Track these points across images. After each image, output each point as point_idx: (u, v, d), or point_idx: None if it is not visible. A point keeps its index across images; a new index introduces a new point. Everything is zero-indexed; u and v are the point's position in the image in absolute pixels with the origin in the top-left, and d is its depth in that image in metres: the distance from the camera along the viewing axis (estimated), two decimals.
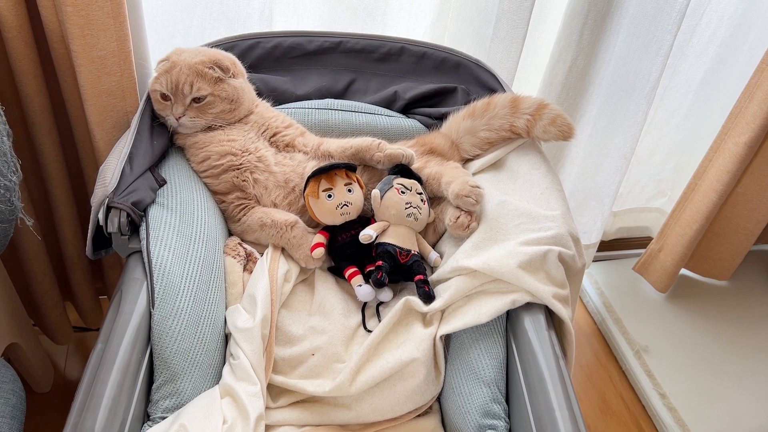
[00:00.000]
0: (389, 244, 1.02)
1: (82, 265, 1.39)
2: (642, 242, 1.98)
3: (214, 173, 1.08)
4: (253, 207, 1.08)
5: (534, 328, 0.91)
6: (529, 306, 0.94)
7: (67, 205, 1.28)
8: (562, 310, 0.93)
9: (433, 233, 1.13)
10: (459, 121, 1.17)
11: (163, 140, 1.08)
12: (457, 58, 1.27)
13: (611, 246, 1.99)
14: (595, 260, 1.93)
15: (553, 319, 0.96)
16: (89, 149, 1.21)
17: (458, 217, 1.03)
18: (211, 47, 1.17)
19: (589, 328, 1.81)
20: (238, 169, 1.07)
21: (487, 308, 0.93)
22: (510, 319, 0.96)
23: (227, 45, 1.21)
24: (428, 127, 1.25)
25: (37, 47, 1.09)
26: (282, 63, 1.24)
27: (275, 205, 1.08)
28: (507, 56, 1.32)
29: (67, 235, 1.32)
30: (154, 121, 1.08)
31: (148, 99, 1.09)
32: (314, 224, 1.10)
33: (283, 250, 1.06)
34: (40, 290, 1.35)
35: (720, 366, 1.67)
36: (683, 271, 1.86)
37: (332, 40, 1.26)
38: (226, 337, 0.97)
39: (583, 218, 1.73)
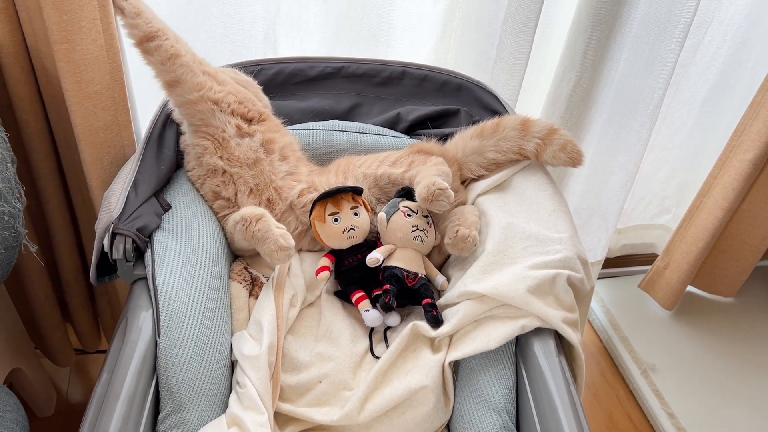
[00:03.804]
0: (396, 267, 1.02)
1: (79, 288, 1.38)
2: (647, 259, 1.97)
3: (200, 175, 1.08)
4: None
5: (544, 353, 0.90)
6: (538, 331, 0.93)
7: (65, 229, 1.26)
8: (572, 335, 0.92)
9: (438, 254, 1.12)
10: (466, 140, 1.16)
11: (168, 165, 1.07)
12: (459, 80, 1.27)
13: (616, 263, 1.98)
14: (600, 277, 1.92)
15: (562, 343, 0.95)
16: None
17: (457, 231, 1.02)
18: None
19: (595, 347, 1.80)
20: (223, 173, 1.06)
21: (497, 334, 0.92)
22: (519, 345, 0.95)
23: None
24: None
25: (33, 73, 1.08)
26: (284, 89, 1.24)
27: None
28: (510, 77, 1.32)
29: (64, 260, 1.31)
30: (161, 147, 1.08)
31: (155, 124, 1.08)
32: (319, 247, 1.09)
33: (288, 273, 1.05)
34: (41, 312, 1.34)
35: (729, 385, 1.65)
36: (689, 288, 1.85)
37: (334, 66, 1.26)
38: (232, 365, 0.96)
39: (588, 236, 1.73)
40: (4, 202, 0.95)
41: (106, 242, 0.93)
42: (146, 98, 1.25)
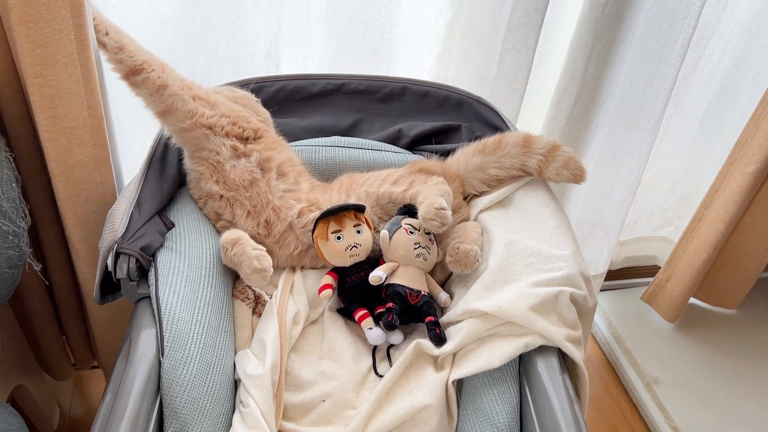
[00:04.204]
0: (399, 285, 1.02)
1: (70, 305, 1.36)
2: (649, 271, 1.97)
3: (201, 196, 1.08)
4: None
5: (547, 371, 0.90)
6: (541, 349, 0.93)
7: (56, 247, 1.24)
8: (575, 353, 0.92)
9: (441, 271, 1.12)
10: (468, 156, 1.16)
11: (172, 184, 1.08)
12: (459, 96, 1.28)
13: (618, 275, 1.98)
14: (603, 290, 1.92)
15: (566, 360, 0.95)
16: None
17: (458, 248, 1.02)
18: None
19: (598, 359, 1.79)
20: (220, 198, 1.06)
21: (500, 352, 0.92)
22: (523, 363, 0.95)
23: None
24: None
25: (22, 93, 1.04)
26: (286, 106, 1.24)
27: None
28: (511, 93, 1.33)
29: (57, 278, 1.29)
30: (164, 165, 1.08)
31: (157, 144, 1.09)
32: (322, 264, 1.09)
33: (291, 290, 1.06)
34: (40, 326, 1.32)
35: (732, 397, 1.65)
36: (691, 300, 1.85)
37: (335, 83, 1.26)
38: (236, 384, 0.96)
39: (590, 249, 1.73)
40: (9, 221, 0.95)
41: (109, 261, 0.93)
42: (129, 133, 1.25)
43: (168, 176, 1.08)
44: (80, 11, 0.87)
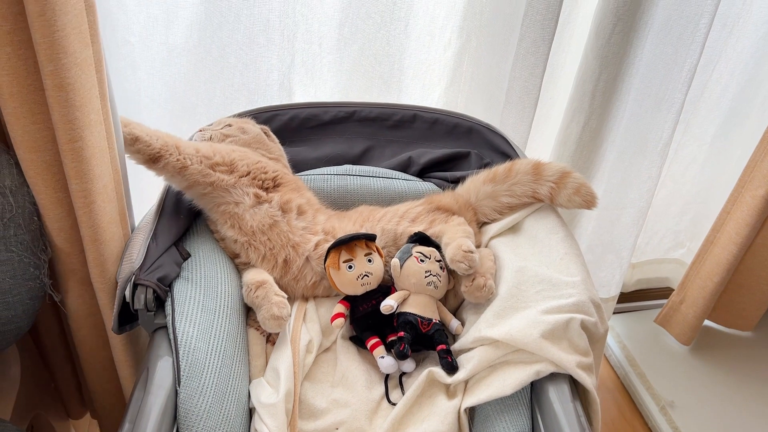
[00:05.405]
0: (410, 313, 1.03)
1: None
2: (662, 293, 1.96)
3: (217, 233, 1.11)
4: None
5: (559, 399, 0.90)
6: (553, 376, 0.93)
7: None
8: (587, 380, 0.92)
9: (453, 298, 1.13)
10: (479, 185, 1.18)
11: (187, 215, 1.10)
12: (469, 123, 1.30)
13: (631, 298, 1.98)
14: (616, 312, 1.92)
15: (577, 387, 0.95)
16: None
17: (473, 279, 1.03)
18: None
19: (612, 383, 1.78)
20: (235, 242, 1.08)
21: (512, 379, 0.92)
22: (534, 390, 0.95)
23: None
24: (443, 189, 1.26)
25: None
26: (299, 134, 1.27)
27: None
28: (520, 121, 1.35)
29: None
30: (180, 195, 1.11)
31: None
32: (335, 293, 1.11)
33: (304, 319, 1.07)
34: (56, 363, 1.33)
35: (749, 420, 1.63)
36: (706, 322, 1.84)
37: (346, 110, 1.29)
38: (250, 412, 0.97)
39: (602, 272, 1.73)
40: (31, 254, 0.98)
41: (127, 292, 0.96)
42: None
43: (184, 207, 1.10)
44: (100, 67, 0.88)
